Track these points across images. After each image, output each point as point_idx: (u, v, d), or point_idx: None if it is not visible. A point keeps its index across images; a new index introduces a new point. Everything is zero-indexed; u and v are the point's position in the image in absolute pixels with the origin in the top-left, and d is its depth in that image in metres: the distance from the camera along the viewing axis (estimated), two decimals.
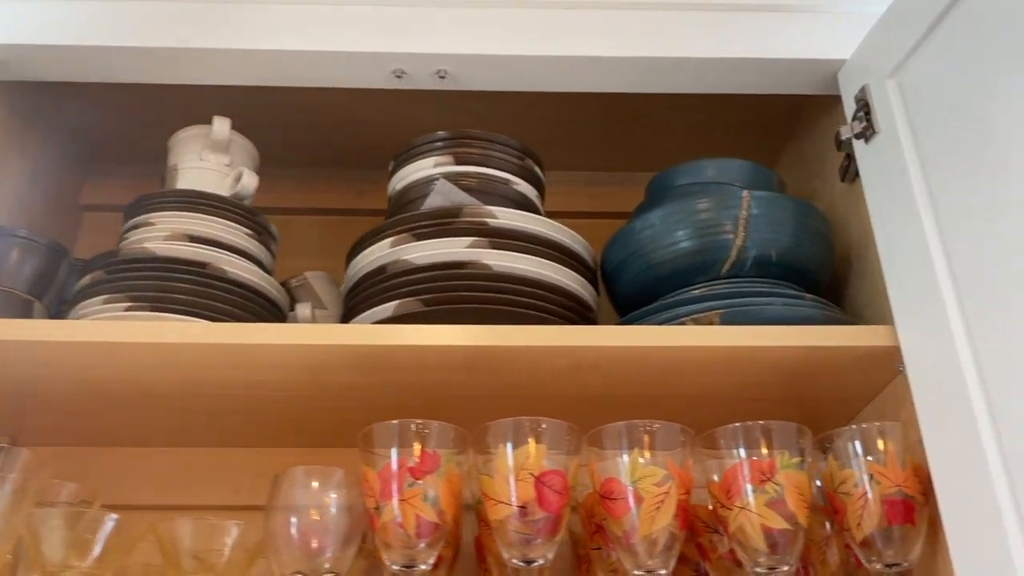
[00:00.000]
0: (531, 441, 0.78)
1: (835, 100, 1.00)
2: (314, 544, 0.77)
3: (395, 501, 0.76)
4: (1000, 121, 0.72)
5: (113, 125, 1.16)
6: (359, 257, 0.95)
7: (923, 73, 0.82)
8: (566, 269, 0.92)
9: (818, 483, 0.85)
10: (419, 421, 0.78)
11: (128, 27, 0.95)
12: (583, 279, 0.95)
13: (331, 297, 1.10)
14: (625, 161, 1.28)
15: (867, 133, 0.89)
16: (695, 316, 0.86)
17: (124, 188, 1.06)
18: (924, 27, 0.81)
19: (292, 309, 1.02)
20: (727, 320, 0.85)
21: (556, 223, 0.95)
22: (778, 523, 0.76)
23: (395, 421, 0.78)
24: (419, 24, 0.97)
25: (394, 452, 0.77)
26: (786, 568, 0.76)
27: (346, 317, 0.94)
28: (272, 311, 0.95)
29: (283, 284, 1.11)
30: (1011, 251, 0.69)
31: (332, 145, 1.24)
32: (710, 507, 0.82)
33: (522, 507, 0.76)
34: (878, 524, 0.78)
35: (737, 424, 0.80)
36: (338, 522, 0.78)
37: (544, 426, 0.79)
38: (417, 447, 0.77)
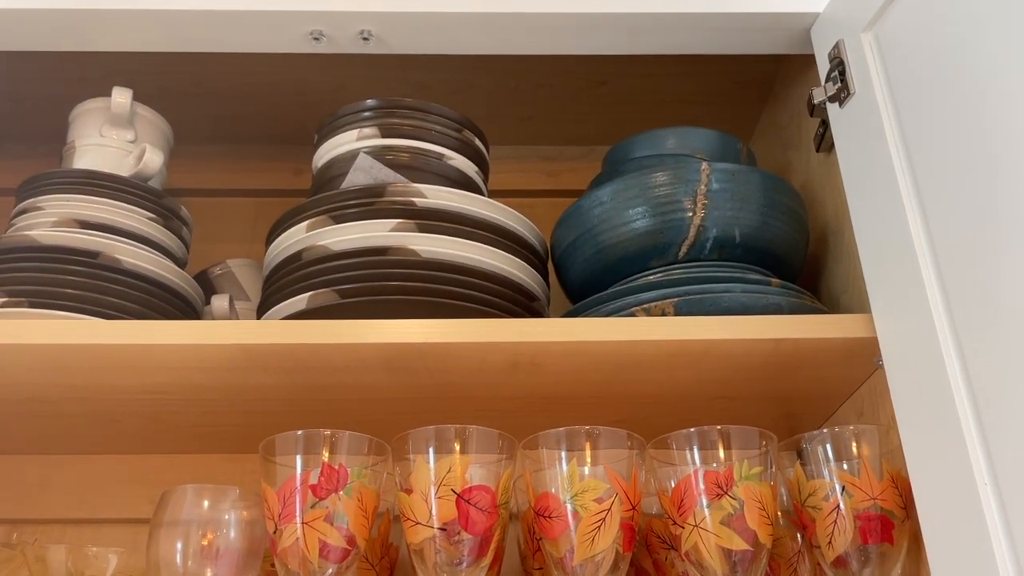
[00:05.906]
0: (456, 451, 0.69)
1: (811, 61, 0.89)
2: (208, 573, 0.67)
3: (297, 523, 0.66)
4: (988, 76, 0.61)
5: (7, 99, 1.05)
6: (275, 243, 0.85)
7: (902, 24, 0.72)
8: (507, 255, 0.82)
9: (783, 492, 0.75)
10: (327, 431, 0.69)
11: None
12: (527, 265, 0.84)
13: (258, 287, 0.99)
14: (588, 134, 1.18)
15: (841, 95, 0.79)
16: (646, 306, 0.76)
17: (21, 170, 0.95)
18: None
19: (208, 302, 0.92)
20: (681, 310, 0.75)
21: (496, 202, 0.84)
22: (736, 544, 0.67)
23: (299, 431, 0.69)
24: None
25: (297, 467, 0.68)
26: None
27: (260, 310, 0.84)
28: (179, 305, 0.85)
29: (203, 273, 1.01)
30: (1000, 228, 0.58)
31: (265, 120, 1.13)
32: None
33: (443, 528, 0.67)
34: (851, 542, 0.68)
35: (692, 428, 0.70)
36: (233, 547, 0.68)
37: (471, 433, 0.69)
38: (322, 461, 0.67)
